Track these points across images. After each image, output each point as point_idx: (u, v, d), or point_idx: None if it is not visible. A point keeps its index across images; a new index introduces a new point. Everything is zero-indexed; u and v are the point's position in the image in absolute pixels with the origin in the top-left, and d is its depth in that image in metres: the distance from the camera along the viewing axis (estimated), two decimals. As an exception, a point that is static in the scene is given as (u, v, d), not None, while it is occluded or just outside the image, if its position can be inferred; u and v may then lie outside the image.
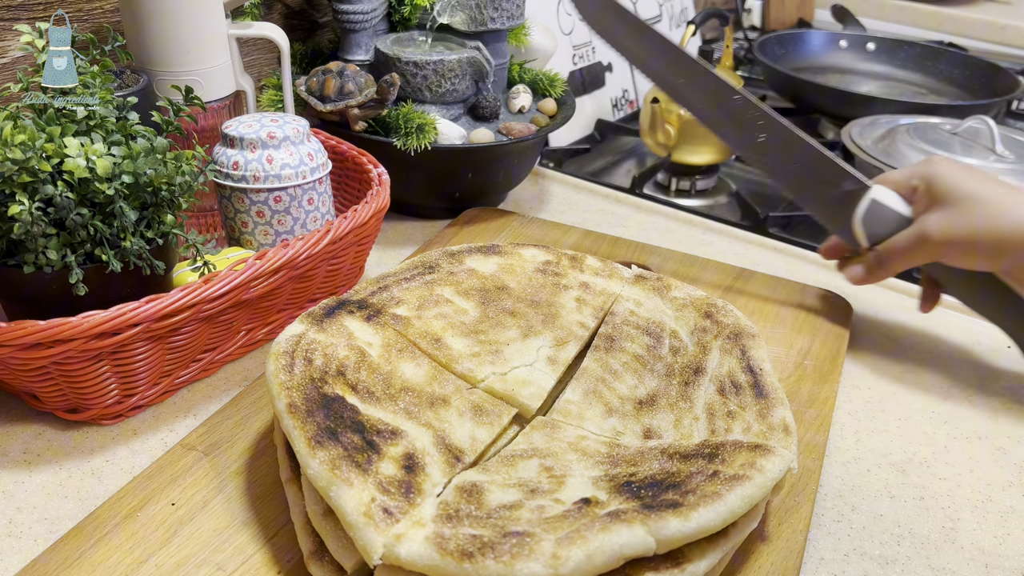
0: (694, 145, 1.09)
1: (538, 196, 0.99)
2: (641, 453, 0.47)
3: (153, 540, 0.48)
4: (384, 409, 0.49)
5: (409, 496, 0.42)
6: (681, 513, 0.40)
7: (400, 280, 0.60)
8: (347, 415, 0.46)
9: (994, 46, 1.76)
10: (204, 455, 0.54)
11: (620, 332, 0.59)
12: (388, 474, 0.43)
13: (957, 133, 0.94)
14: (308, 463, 0.43)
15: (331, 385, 0.49)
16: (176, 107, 0.61)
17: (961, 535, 0.53)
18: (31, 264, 0.53)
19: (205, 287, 0.56)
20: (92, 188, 0.52)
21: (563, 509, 0.41)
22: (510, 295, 0.61)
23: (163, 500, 0.51)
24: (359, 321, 0.55)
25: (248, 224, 0.70)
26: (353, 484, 0.42)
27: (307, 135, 0.71)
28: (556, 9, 1.17)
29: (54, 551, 0.47)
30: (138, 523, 0.49)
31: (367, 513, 0.41)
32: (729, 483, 0.42)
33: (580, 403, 0.53)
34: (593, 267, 0.66)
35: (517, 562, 0.37)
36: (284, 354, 0.50)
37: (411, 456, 0.45)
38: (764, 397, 0.51)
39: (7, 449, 0.56)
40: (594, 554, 0.38)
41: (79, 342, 0.51)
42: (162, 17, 0.68)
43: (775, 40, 1.44)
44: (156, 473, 0.53)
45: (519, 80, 0.95)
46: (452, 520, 0.41)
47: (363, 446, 0.44)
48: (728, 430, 0.49)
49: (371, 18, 0.87)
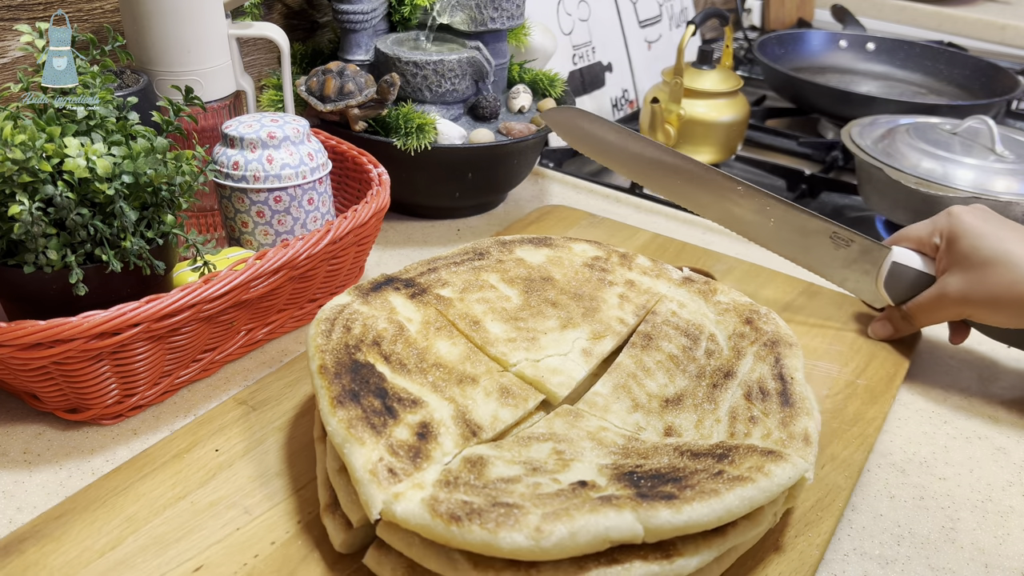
0: (694, 145, 1.09)
1: (538, 196, 0.99)
2: (656, 448, 0.48)
3: (193, 480, 0.52)
4: (412, 380, 0.51)
5: (416, 461, 0.44)
6: (674, 505, 0.40)
7: (449, 263, 0.62)
8: (373, 381, 0.48)
9: (994, 46, 1.76)
10: (252, 410, 0.58)
11: (659, 331, 0.59)
12: (400, 438, 0.45)
13: (957, 133, 0.94)
14: (328, 420, 0.46)
15: (364, 353, 0.51)
16: (176, 107, 0.61)
17: (961, 535, 0.53)
18: (31, 264, 0.53)
19: (205, 287, 0.56)
20: (92, 188, 0.52)
21: (558, 488, 0.42)
22: (554, 286, 0.62)
23: (208, 446, 0.55)
24: (403, 298, 0.57)
25: (248, 224, 0.70)
26: (365, 443, 0.44)
27: (307, 135, 0.71)
28: (556, 9, 1.17)
29: (107, 479, 0.52)
30: (183, 463, 0.53)
31: (373, 471, 0.42)
32: (731, 483, 0.42)
33: (608, 396, 0.54)
34: (642, 266, 0.66)
35: (501, 530, 0.38)
36: (325, 320, 0.53)
37: (426, 425, 0.47)
38: (790, 406, 0.50)
39: (7, 449, 0.56)
40: (578, 532, 0.38)
41: (79, 342, 0.51)
42: (162, 17, 0.68)
43: (775, 40, 1.44)
44: (207, 421, 0.57)
45: (519, 80, 0.95)
46: (450, 486, 0.42)
47: (382, 410, 0.46)
48: (747, 434, 0.49)
49: (371, 18, 0.87)
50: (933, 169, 0.89)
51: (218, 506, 0.50)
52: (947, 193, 0.85)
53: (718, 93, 1.09)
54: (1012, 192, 0.85)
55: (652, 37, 1.39)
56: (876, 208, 0.97)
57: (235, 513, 0.50)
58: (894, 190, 0.89)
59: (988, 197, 0.84)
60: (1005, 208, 0.84)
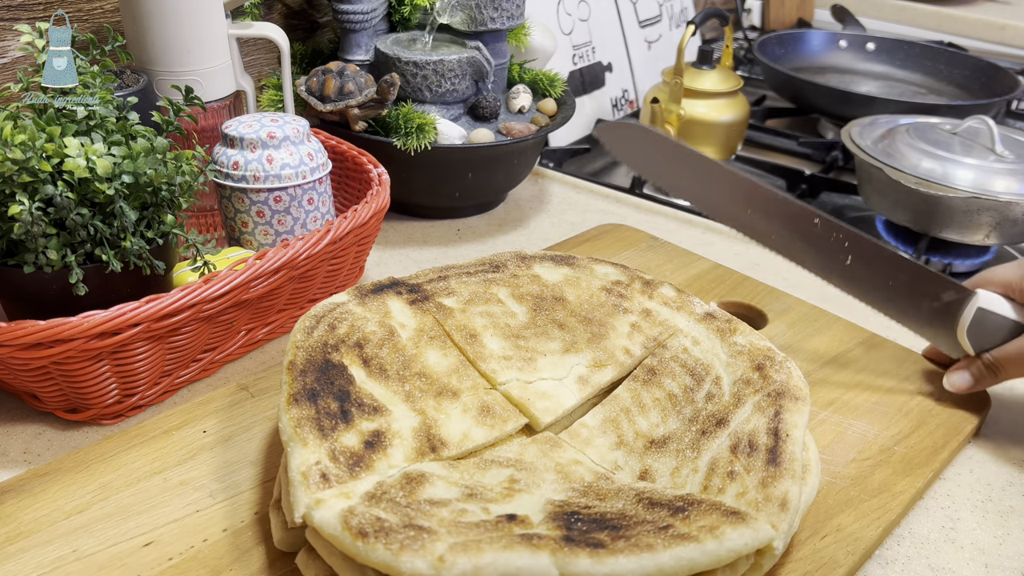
0: (694, 145, 1.09)
1: (538, 196, 0.99)
2: (619, 491, 0.45)
3: (173, 457, 0.53)
4: (387, 387, 0.50)
5: (354, 469, 0.43)
6: (598, 554, 0.37)
7: (462, 273, 0.60)
8: (339, 383, 0.48)
9: (994, 46, 1.76)
10: (251, 396, 0.59)
11: (665, 367, 0.55)
12: (345, 444, 0.44)
13: (957, 133, 0.94)
14: (280, 417, 0.46)
15: (341, 354, 0.50)
16: (176, 107, 0.61)
17: (961, 535, 0.53)
18: (31, 264, 0.53)
19: (205, 287, 0.56)
20: (92, 188, 0.52)
21: (482, 519, 0.40)
22: (565, 307, 0.59)
23: (198, 426, 0.56)
24: (402, 303, 0.56)
25: (248, 224, 0.70)
26: (308, 444, 0.44)
27: (307, 135, 0.71)
28: (556, 9, 1.17)
29: (98, 446, 0.53)
30: (170, 440, 0.55)
31: (305, 473, 0.42)
32: (673, 540, 0.39)
33: (594, 429, 0.52)
34: (664, 296, 0.61)
35: (404, 554, 0.37)
36: (312, 316, 0.53)
37: (380, 434, 0.46)
38: (776, 465, 0.45)
39: (7, 449, 0.56)
40: (484, 567, 0.36)
41: (79, 342, 0.51)
42: (162, 17, 0.68)
43: (775, 40, 1.44)
44: (205, 403, 0.58)
45: (519, 80, 0.95)
46: (372, 500, 0.41)
47: (336, 413, 0.46)
48: (722, 490, 0.45)
49: (371, 18, 0.87)
50: (933, 169, 0.89)
51: (187, 486, 0.51)
52: (947, 193, 0.85)
53: (718, 93, 1.09)
54: (1012, 192, 0.85)
55: (652, 37, 1.39)
56: (876, 208, 0.97)
57: (200, 495, 0.50)
58: (894, 190, 0.89)
59: (988, 197, 0.84)
60: (1005, 208, 0.84)
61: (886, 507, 0.52)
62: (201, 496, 0.50)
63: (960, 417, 0.61)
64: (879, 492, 0.54)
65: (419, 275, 0.60)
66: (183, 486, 0.51)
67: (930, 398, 0.63)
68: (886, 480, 0.55)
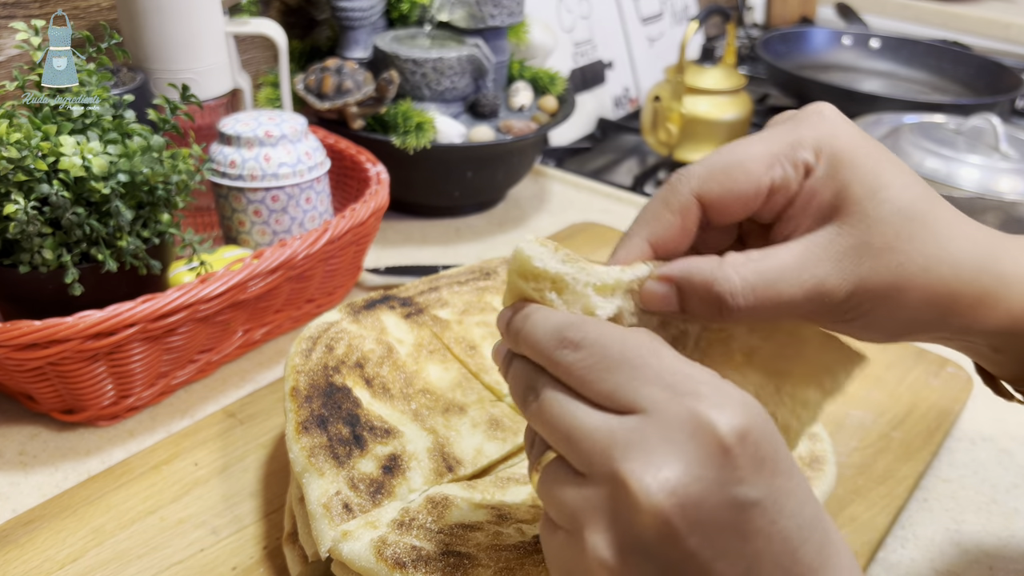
0: (696, 143, 1.09)
1: (538, 195, 0.99)
2: None
3: (167, 494, 0.51)
4: (393, 407, 0.48)
5: (376, 497, 0.42)
6: None
7: (453, 283, 0.59)
8: (346, 407, 0.46)
9: (999, 44, 1.75)
10: (240, 423, 0.57)
11: None
12: (364, 471, 0.43)
13: (961, 132, 0.93)
14: (291, 447, 0.44)
15: (343, 375, 0.48)
16: (173, 105, 0.60)
17: (965, 537, 0.53)
18: (27, 264, 0.52)
19: (202, 287, 0.55)
20: (88, 187, 0.52)
21: (520, 540, 0.39)
22: None
23: (189, 459, 0.54)
24: (397, 317, 0.54)
25: (245, 223, 0.69)
26: (324, 475, 0.42)
27: (305, 133, 0.70)
28: (556, 6, 1.17)
29: (82, 487, 0.51)
30: (160, 475, 0.52)
31: (326, 505, 0.41)
32: None
33: None
34: None
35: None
36: (308, 339, 0.51)
37: (396, 458, 0.44)
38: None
39: (2, 451, 0.56)
40: None
41: (75, 343, 0.51)
42: (158, 14, 0.67)
43: (778, 38, 1.44)
44: (192, 432, 0.56)
45: (519, 77, 0.95)
46: (403, 528, 0.40)
47: (349, 439, 0.44)
48: None
49: (370, 15, 0.86)
50: (937, 168, 0.88)
51: (186, 524, 0.49)
52: (951, 193, 0.84)
53: (721, 91, 1.09)
54: (1017, 191, 0.85)
55: (654, 34, 1.38)
56: (879, 207, 0.96)
57: (202, 533, 0.48)
58: (897, 189, 0.89)
59: (992, 198, 0.83)
60: (1010, 208, 0.83)
61: (893, 493, 0.54)
62: (203, 534, 0.48)
63: (949, 398, 0.63)
64: (885, 479, 0.55)
65: (409, 287, 0.58)
66: (182, 524, 0.48)
67: (916, 382, 0.65)
68: (889, 466, 0.56)
